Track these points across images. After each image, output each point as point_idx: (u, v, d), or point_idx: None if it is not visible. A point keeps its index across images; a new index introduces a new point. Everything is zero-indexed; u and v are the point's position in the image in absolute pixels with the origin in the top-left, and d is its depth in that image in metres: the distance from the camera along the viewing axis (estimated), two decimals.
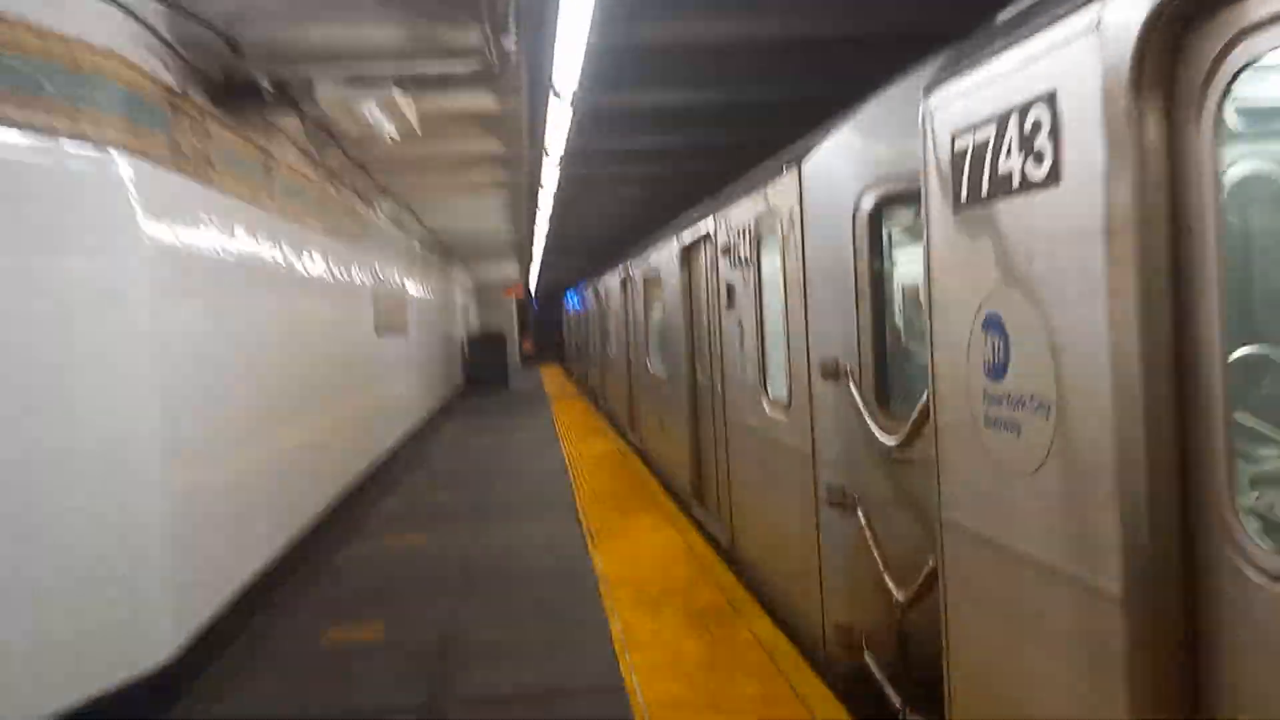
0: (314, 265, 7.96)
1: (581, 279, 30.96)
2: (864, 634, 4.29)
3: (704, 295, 7.68)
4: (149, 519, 4.39)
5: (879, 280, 4.45)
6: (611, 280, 14.71)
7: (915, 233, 4.61)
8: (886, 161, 4.41)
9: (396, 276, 13.09)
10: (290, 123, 7.02)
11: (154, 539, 4.41)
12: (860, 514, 4.28)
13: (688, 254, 8.15)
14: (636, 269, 11.36)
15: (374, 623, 5.61)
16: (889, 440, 4.01)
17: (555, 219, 13.14)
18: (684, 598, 5.74)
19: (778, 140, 6.36)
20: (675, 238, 8.49)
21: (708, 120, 9.42)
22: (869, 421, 4.20)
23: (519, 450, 12.85)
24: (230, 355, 5.56)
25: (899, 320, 4.62)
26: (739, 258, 5.99)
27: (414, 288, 15.11)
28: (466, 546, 7.34)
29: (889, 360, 4.45)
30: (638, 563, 6.57)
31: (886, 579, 4.02)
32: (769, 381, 5.58)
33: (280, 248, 6.83)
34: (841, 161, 4.52)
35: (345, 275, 9.38)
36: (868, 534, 4.22)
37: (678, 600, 5.70)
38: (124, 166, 4.17)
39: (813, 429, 4.59)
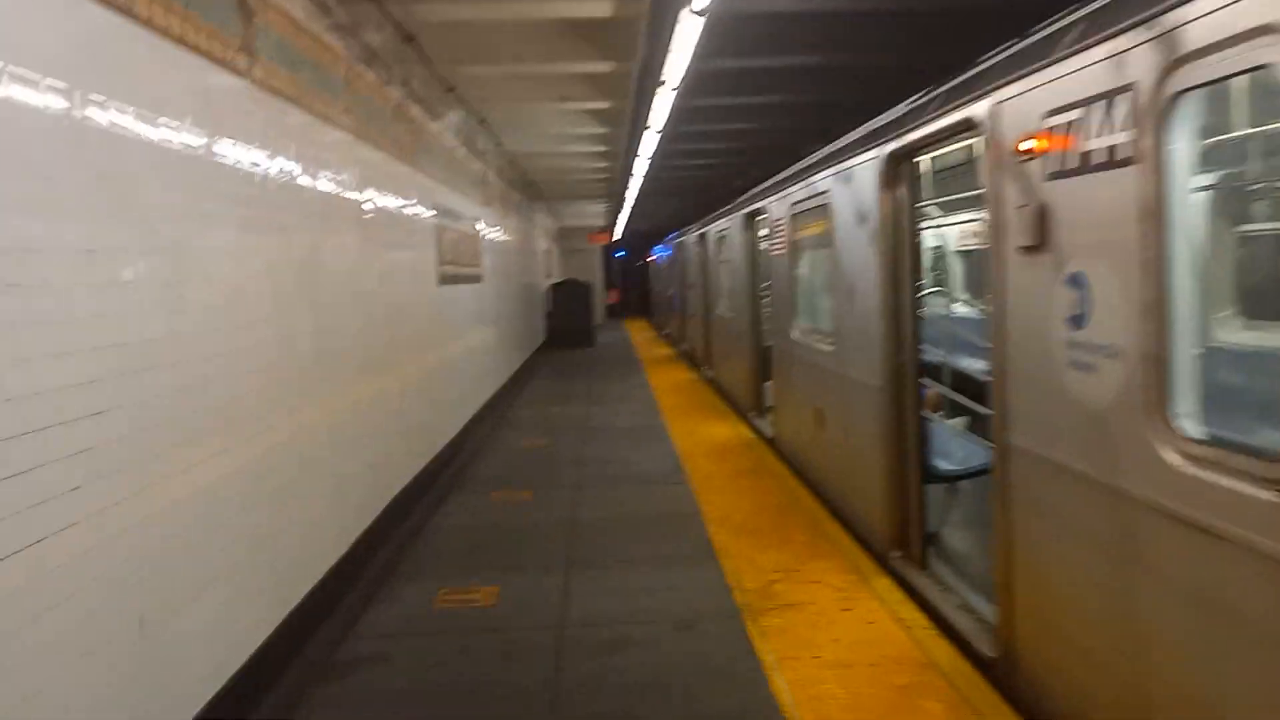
0: (333, 180, 5.37)
1: (673, 227, 28.07)
2: None
3: (957, 230, 4.85)
4: None
5: None
6: (729, 223, 11.84)
7: None
8: None
9: (468, 211, 10.50)
10: None
11: None
12: None
13: (897, 166, 5.28)
14: (778, 203, 8.48)
15: None
16: None
17: (664, 141, 10.29)
18: None
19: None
20: (877, 143, 5.60)
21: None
22: None
23: (614, 432, 10.24)
24: (127, 324, 2.99)
25: None
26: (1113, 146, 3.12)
27: (491, 228, 12.53)
28: (556, 618, 4.74)
29: None
30: (848, 687, 3.86)
31: None
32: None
33: (262, 143, 4.22)
34: None
35: (390, 201, 6.79)
36: None
37: None
38: None
39: None
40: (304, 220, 4.84)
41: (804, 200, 7.34)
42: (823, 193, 6.69)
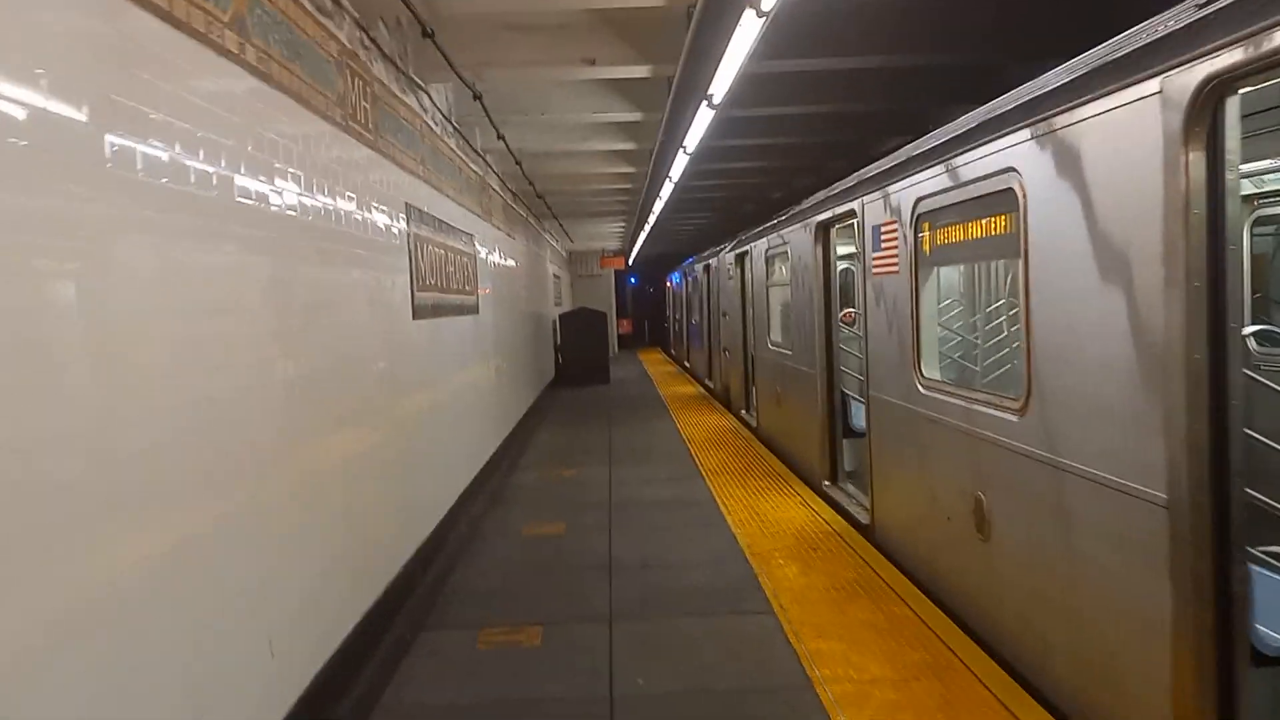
0: (245, 161, 2.99)
1: (691, 250, 25.75)
2: None
3: None
4: None
5: None
6: (788, 237, 9.44)
7: None
8: None
9: (461, 222, 8.14)
10: None
11: None
12: None
13: (1213, 104, 2.90)
14: (889, 201, 6.04)
15: None
16: None
17: (713, 131, 7.89)
18: None
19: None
20: (1163, 68, 3.18)
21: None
22: None
23: (649, 509, 7.78)
24: None
25: None
26: None
27: (492, 247, 10.17)
28: None
29: None
30: None
31: None
32: None
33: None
34: None
35: (330, 196, 4.41)
36: None
37: None
38: None
39: None
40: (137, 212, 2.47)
41: (953, 189, 4.91)
42: (1001, 172, 4.27)
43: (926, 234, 5.39)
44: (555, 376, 19.44)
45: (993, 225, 4.50)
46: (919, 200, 5.40)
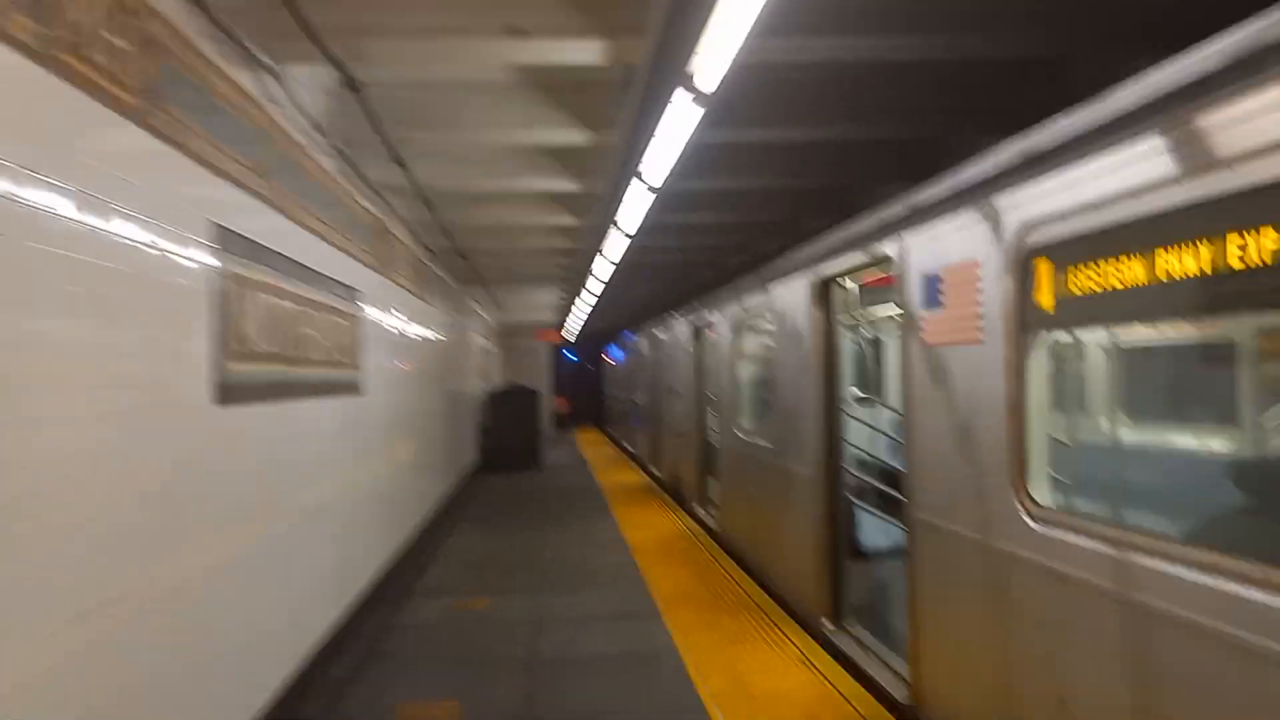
0: None
1: (623, 325, 23.82)
2: None
3: None
4: None
5: None
6: (784, 297, 7.45)
7: None
8: None
9: (331, 266, 5.93)
10: None
11: None
12: None
13: None
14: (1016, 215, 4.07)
15: None
16: None
17: (684, 162, 5.88)
18: None
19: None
20: None
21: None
22: None
23: (588, 671, 5.49)
24: None
25: None
26: None
27: (386, 307, 7.96)
28: None
29: None
30: None
31: None
32: None
33: None
34: None
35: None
36: None
37: None
38: None
39: None
40: None
41: (1122, 200, 2.91)
42: (1272, 150, 2.29)
43: (1044, 278, 3.39)
44: (482, 462, 17.05)
45: (1236, 251, 2.51)
46: (1030, 226, 3.42)
